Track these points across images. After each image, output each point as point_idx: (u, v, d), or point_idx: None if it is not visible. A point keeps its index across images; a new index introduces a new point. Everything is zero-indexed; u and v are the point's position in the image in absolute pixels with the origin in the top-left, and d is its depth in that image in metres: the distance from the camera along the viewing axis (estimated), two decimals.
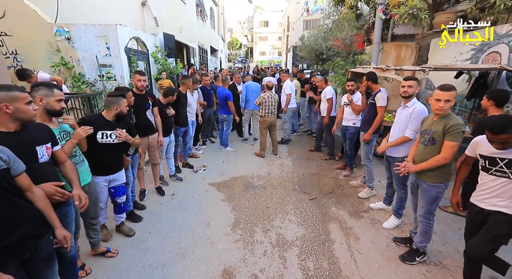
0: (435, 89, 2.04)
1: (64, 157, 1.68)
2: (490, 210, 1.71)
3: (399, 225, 2.82)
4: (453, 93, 1.96)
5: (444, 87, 1.98)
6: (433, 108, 2.05)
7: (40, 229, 1.38)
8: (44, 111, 1.69)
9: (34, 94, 1.65)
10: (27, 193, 1.36)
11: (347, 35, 6.55)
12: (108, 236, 2.59)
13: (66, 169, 1.68)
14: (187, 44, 10.78)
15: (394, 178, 2.77)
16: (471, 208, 1.86)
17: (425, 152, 2.11)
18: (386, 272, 2.21)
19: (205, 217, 3.01)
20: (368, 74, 3.33)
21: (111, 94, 2.28)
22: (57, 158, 1.63)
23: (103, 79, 5.41)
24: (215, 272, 2.21)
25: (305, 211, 3.14)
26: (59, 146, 1.65)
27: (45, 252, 1.41)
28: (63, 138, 1.83)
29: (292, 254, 2.43)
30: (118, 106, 2.24)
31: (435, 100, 2.01)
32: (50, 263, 1.48)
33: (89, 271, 2.17)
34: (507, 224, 1.65)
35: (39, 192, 1.40)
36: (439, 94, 1.98)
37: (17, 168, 1.28)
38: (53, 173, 1.59)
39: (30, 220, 1.33)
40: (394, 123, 2.68)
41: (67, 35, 5.15)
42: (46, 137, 1.55)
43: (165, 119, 3.36)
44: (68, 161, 1.72)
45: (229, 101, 4.90)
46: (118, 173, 2.40)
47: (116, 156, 2.38)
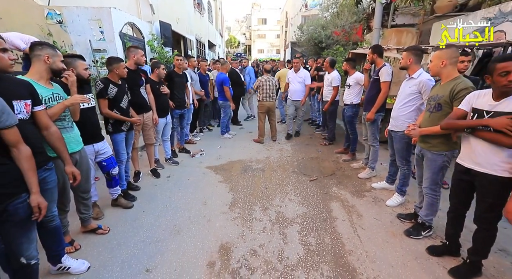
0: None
1: (47, 121, 1.53)
2: (478, 171, 1.61)
3: (402, 202, 2.73)
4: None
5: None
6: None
7: (11, 188, 1.25)
8: (47, 69, 1.67)
9: (39, 53, 1.63)
10: (12, 149, 1.24)
11: (346, 22, 6.44)
12: (99, 214, 2.47)
13: (51, 137, 1.55)
14: (184, 36, 10.61)
15: (397, 153, 2.67)
16: (456, 168, 1.78)
17: (430, 119, 2.01)
18: (391, 246, 2.11)
19: (201, 197, 2.90)
20: (374, 46, 3.20)
21: (65, 55, 2.02)
22: (39, 120, 1.49)
23: (97, 64, 5.25)
24: (211, 247, 2.10)
25: (305, 191, 3.04)
26: (42, 106, 1.52)
27: (20, 215, 1.28)
28: (55, 100, 1.71)
29: (293, 231, 2.32)
30: (74, 68, 2.01)
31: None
32: (26, 229, 1.35)
33: (78, 247, 2.05)
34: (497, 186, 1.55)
35: (27, 150, 1.29)
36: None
37: (5, 120, 1.17)
38: (33, 135, 1.45)
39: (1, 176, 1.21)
40: (398, 96, 2.58)
41: (59, 18, 4.99)
42: (25, 94, 1.42)
43: (158, 97, 3.23)
44: (54, 127, 1.57)
45: (224, 86, 4.73)
46: (101, 143, 2.28)
47: (89, 122, 2.17)
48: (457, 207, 1.85)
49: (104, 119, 2.64)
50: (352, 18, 6.57)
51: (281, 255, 2.02)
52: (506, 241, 2.09)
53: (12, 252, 1.36)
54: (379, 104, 3.06)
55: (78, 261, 1.83)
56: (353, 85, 3.75)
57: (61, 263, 1.75)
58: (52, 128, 1.54)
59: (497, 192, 1.55)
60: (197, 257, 2.00)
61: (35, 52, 1.60)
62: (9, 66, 1.33)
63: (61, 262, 1.75)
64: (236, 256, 2.01)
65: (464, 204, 1.82)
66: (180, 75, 3.92)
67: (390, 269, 1.87)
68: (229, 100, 4.89)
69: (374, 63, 3.21)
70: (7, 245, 1.36)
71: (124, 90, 2.64)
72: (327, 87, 4.42)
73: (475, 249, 1.72)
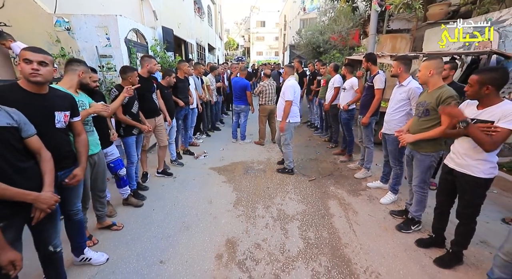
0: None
1: (81, 129, 1.77)
2: (458, 171, 1.82)
3: (395, 200, 2.92)
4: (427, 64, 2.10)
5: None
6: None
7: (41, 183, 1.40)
8: (78, 82, 1.92)
9: (76, 68, 1.90)
10: (36, 156, 1.42)
11: (343, 28, 6.67)
12: (113, 212, 2.65)
13: (80, 143, 1.76)
14: (185, 40, 10.83)
15: (390, 155, 2.87)
16: (443, 169, 1.99)
17: (419, 123, 2.20)
18: (383, 239, 2.31)
19: (207, 196, 3.08)
20: (367, 55, 3.41)
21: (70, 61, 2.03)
22: (75, 128, 1.73)
23: (103, 70, 5.43)
24: (219, 242, 2.29)
25: (304, 190, 3.23)
26: (79, 118, 1.74)
27: None
28: (80, 106, 1.92)
29: (293, 226, 2.51)
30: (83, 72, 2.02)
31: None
32: (54, 221, 1.54)
33: (96, 241, 2.23)
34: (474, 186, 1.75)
35: (47, 154, 1.45)
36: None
37: (27, 130, 1.35)
38: (64, 141, 1.66)
39: (35, 177, 1.39)
40: (390, 101, 2.78)
41: (67, 25, 5.18)
42: (67, 106, 1.63)
43: (166, 101, 3.43)
44: (84, 135, 1.79)
45: (247, 91, 4.91)
46: (109, 147, 2.46)
47: (99, 128, 2.27)
48: (442, 203, 2.05)
49: (116, 123, 2.83)
50: (349, 23, 6.80)
51: (282, 248, 2.20)
52: (487, 234, 2.30)
53: (41, 241, 1.53)
54: (373, 110, 3.28)
55: (98, 253, 2.01)
56: (348, 89, 3.96)
57: (83, 255, 1.93)
58: (83, 136, 1.77)
59: (474, 190, 1.76)
60: (206, 250, 2.18)
61: (73, 66, 1.88)
62: (52, 78, 1.54)
63: (84, 253, 1.93)
64: (242, 249, 2.19)
65: (448, 201, 2.02)
66: (183, 80, 4.11)
67: (382, 260, 2.06)
68: (250, 105, 5.07)
69: (369, 70, 3.43)
70: (38, 235, 1.53)
71: (134, 96, 2.84)
72: (330, 91, 4.60)
73: (457, 241, 1.92)
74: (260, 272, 1.95)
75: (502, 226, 2.50)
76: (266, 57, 36.41)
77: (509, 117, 1.57)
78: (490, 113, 1.66)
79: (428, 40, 5.16)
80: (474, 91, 1.69)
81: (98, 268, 1.95)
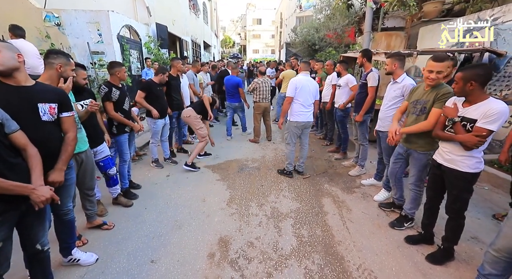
0: (428, 60, 2.02)
1: (69, 127, 1.63)
2: (445, 166, 1.83)
3: (389, 197, 2.93)
4: (445, 64, 1.96)
5: (437, 58, 1.95)
6: (425, 79, 2.07)
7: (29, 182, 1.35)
8: (58, 76, 1.77)
9: (53, 61, 1.72)
10: (23, 152, 1.37)
11: (338, 25, 6.66)
12: (103, 211, 2.60)
13: (67, 140, 1.62)
14: (180, 37, 10.71)
15: (384, 152, 2.87)
16: (432, 163, 2.00)
17: (416, 121, 2.16)
18: (377, 237, 2.31)
19: (200, 194, 3.05)
20: (364, 51, 3.40)
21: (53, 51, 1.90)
22: (62, 124, 1.61)
23: (95, 66, 5.34)
24: (211, 240, 2.26)
25: (299, 188, 3.22)
26: (69, 113, 1.63)
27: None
28: None
29: (287, 224, 2.50)
30: (75, 76, 1.99)
31: (427, 71, 2.00)
32: (42, 220, 1.50)
33: (86, 241, 2.18)
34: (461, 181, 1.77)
35: (33, 150, 1.40)
36: (432, 65, 1.96)
37: (10, 126, 1.30)
38: (53, 137, 1.57)
39: (26, 173, 1.35)
40: (384, 98, 2.78)
41: (57, 21, 5.06)
42: (52, 98, 1.54)
43: (159, 99, 3.38)
44: (72, 134, 1.65)
45: (240, 88, 4.93)
46: (100, 145, 2.40)
47: (90, 127, 2.23)
48: (432, 199, 2.06)
49: (108, 122, 2.77)
50: (344, 21, 6.79)
51: (276, 246, 2.19)
52: (478, 230, 2.32)
53: (29, 239, 1.49)
54: (367, 108, 3.27)
55: (87, 254, 1.97)
56: (343, 86, 3.95)
57: (71, 255, 1.89)
58: (69, 134, 1.63)
59: (461, 185, 1.77)
60: (198, 249, 2.15)
61: (49, 59, 1.71)
62: (15, 63, 1.42)
63: (72, 254, 1.89)
64: (234, 248, 2.17)
65: (438, 196, 2.03)
66: (176, 78, 4.05)
67: (374, 257, 2.06)
68: (244, 101, 5.13)
69: (363, 67, 3.42)
70: (26, 233, 1.49)
71: (125, 93, 2.78)
72: (327, 89, 4.57)
73: (447, 237, 1.93)
74: (253, 270, 1.93)
75: (493, 222, 2.52)
76: (263, 55, 36.32)
77: (489, 118, 1.59)
78: (475, 111, 1.67)
79: (422, 38, 5.17)
80: (459, 88, 1.69)
81: (87, 268, 1.91)
